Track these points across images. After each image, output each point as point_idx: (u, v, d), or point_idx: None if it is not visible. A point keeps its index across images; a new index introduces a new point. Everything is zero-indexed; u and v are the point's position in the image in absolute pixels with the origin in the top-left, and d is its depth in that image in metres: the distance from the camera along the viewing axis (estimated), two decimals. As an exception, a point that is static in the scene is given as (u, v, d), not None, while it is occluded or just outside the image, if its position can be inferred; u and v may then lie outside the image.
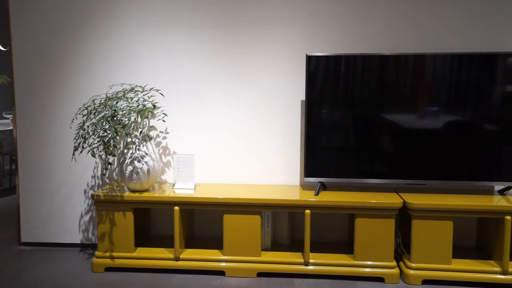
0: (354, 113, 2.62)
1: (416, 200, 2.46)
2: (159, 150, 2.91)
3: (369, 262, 2.49)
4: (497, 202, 2.46)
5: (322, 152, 2.65)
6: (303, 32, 2.77)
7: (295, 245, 2.74)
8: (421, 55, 2.55)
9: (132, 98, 2.65)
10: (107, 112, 2.55)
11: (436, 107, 2.56)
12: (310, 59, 2.59)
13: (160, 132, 2.90)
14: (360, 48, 2.72)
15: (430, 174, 2.60)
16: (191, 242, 2.81)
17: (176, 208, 2.57)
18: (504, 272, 2.39)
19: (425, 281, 2.45)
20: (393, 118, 2.59)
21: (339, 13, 2.73)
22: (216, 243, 2.71)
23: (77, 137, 2.57)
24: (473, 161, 2.56)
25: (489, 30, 2.67)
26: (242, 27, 2.79)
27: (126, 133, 2.55)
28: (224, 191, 2.67)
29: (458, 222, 2.72)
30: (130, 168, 2.59)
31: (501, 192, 2.65)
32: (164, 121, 2.85)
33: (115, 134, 2.47)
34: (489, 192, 2.68)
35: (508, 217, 2.36)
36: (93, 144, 2.56)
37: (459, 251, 2.60)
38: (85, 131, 2.56)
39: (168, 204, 2.58)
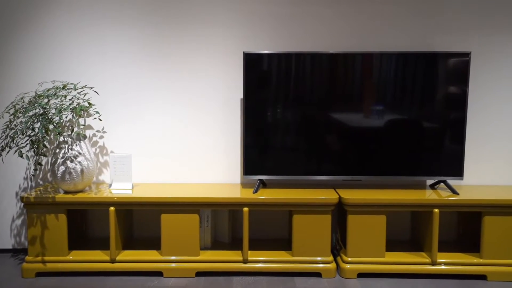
0: (291, 110, 2.65)
1: (352, 195, 2.52)
2: (95, 149, 2.82)
3: (307, 258, 2.53)
4: (427, 196, 2.55)
5: (260, 150, 2.66)
6: (244, 31, 2.76)
7: (236, 244, 2.73)
8: (352, 53, 2.61)
9: (65, 96, 2.56)
10: (38, 110, 2.45)
11: (375, 105, 2.63)
12: (247, 57, 2.59)
13: (96, 131, 2.81)
14: (302, 47, 2.75)
15: (366, 170, 2.66)
16: (129, 243, 2.74)
17: (112, 208, 2.49)
18: (433, 263, 2.49)
19: (360, 275, 2.51)
20: (331, 115, 2.64)
21: (282, 11, 2.75)
22: (156, 243, 2.65)
23: (3, 137, 2.45)
24: (407, 157, 2.65)
25: (423, 29, 2.77)
26: (180, 26, 2.76)
27: (58, 132, 2.45)
28: (162, 190, 2.62)
29: (395, 216, 2.82)
30: (62, 168, 2.49)
31: (432, 187, 2.76)
32: (100, 119, 2.77)
33: (45, 134, 2.38)
34: (422, 187, 2.79)
35: (436, 210, 2.46)
36: (21, 144, 2.45)
37: (395, 245, 2.68)
38: (13, 130, 2.45)
39: (103, 205, 2.50)
